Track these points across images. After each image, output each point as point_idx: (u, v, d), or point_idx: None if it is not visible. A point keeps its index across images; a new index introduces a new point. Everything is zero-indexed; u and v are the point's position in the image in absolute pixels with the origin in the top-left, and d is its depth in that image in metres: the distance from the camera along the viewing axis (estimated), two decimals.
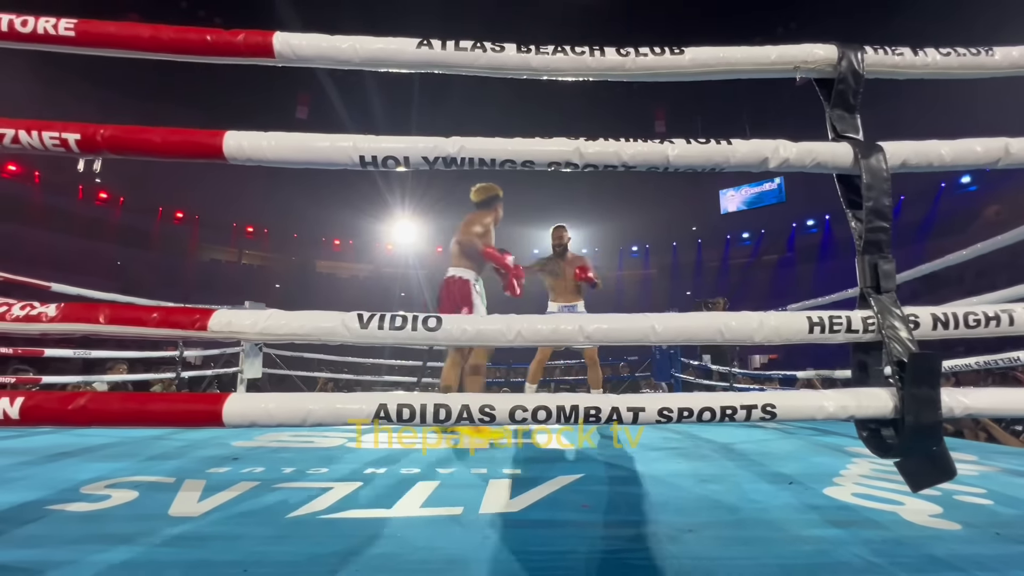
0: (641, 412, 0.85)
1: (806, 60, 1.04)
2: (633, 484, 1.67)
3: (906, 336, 0.90)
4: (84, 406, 0.79)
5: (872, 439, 0.95)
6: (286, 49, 0.98)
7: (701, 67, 1.04)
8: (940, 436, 0.87)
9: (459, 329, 0.88)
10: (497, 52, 1.00)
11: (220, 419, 0.80)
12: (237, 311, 0.87)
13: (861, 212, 0.98)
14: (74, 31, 0.94)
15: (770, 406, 0.86)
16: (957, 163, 1.01)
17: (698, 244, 22.11)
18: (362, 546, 1.08)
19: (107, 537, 1.11)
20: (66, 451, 2.05)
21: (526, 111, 14.76)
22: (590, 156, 0.96)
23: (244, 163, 0.94)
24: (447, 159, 0.95)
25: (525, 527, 1.23)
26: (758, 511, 1.38)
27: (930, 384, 0.86)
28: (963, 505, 1.42)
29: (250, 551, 1.04)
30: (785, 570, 0.98)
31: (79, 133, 0.89)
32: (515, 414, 0.84)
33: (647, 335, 0.90)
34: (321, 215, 20.27)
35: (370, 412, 0.82)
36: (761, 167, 0.99)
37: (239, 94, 14.67)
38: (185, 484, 1.54)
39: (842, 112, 1.05)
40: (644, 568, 0.98)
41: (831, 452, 2.26)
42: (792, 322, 0.92)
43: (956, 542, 1.14)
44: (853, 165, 0.98)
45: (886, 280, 0.95)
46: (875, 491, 1.56)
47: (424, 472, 1.77)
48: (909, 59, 1.06)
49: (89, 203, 17.28)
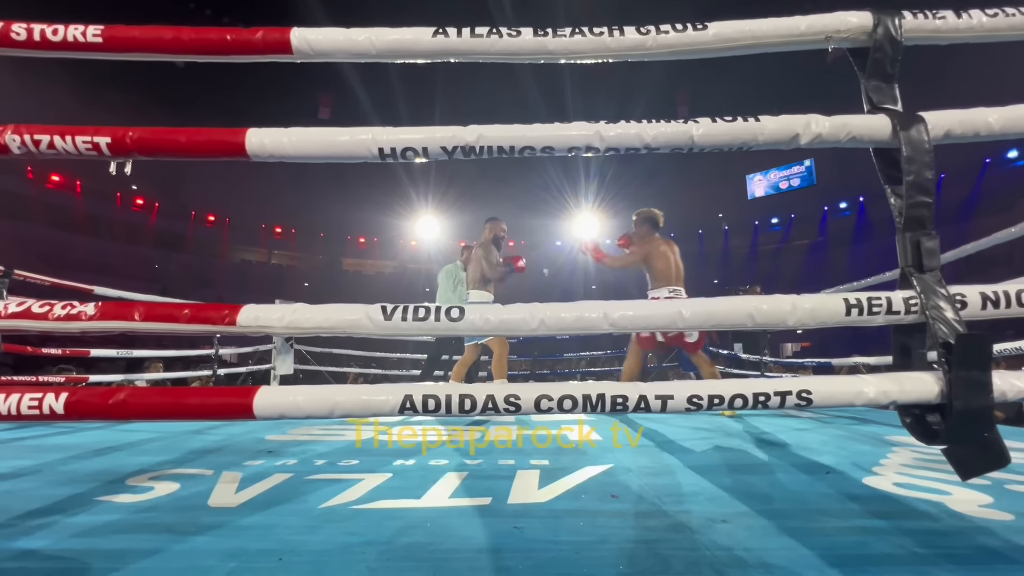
0: (670, 400, 0.83)
1: (839, 29, 0.99)
2: (663, 474, 1.64)
3: (952, 317, 0.85)
4: (124, 400, 0.82)
5: (916, 425, 0.90)
6: (303, 45, 0.99)
7: (726, 42, 1.00)
8: (991, 421, 0.82)
9: (482, 319, 0.88)
10: (513, 37, 0.98)
11: (251, 411, 0.82)
12: (264, 306, 0.89)
13: (901, 188, 0.93)
14: (102, 37, 0.97)
15: (806, 392, 0.83)
16: (1007, 131, 0.95)
17: (725, 231, 21.59)
18: (393, 536, 1.09)
19: (152, 526, 1.16)
20: (112, 446, 2.15)
21: (550, 100, 14.65)
22: (611, 139, 0.93)
23: (266, 160, 0.95)
24: (466, 148, 0.94)
25: (554, 517, 1.23)
26: (794, 501, 1.34)
27: (980, 367, 0.81)
28: (1016, 495, 1.35)
29: (285, 540, 1.07)
30: (825, 561, 0.95)
31: (109, 136, 0.92)
32: (540, 403, 0.83)
33: (675, 321, 0.88)
34: (346, 214, 20.64)
35: (396, 403, 0.83)
36: (792, 144, 0.95)
37: (262, 99, 14.99)
38: (223, 476, 1.60)
39: (879, 82, 1.00)
40: (676, 559, 0.97)
41: (870, 441, 2.18)
42: (828, 304, 0.88)
43: (1009, 533, 1.08)
44: (892, 138, 0.93)
45: (929, 258, 0.90)
46: (918, 480, 1.49)
47: (452, 464, 1.78)
48: (952, 22, 0.99)
49: (127, 209, 18.02)
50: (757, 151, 0.98)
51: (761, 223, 21.01)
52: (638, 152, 0.95)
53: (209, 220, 20.08)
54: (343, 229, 21.91)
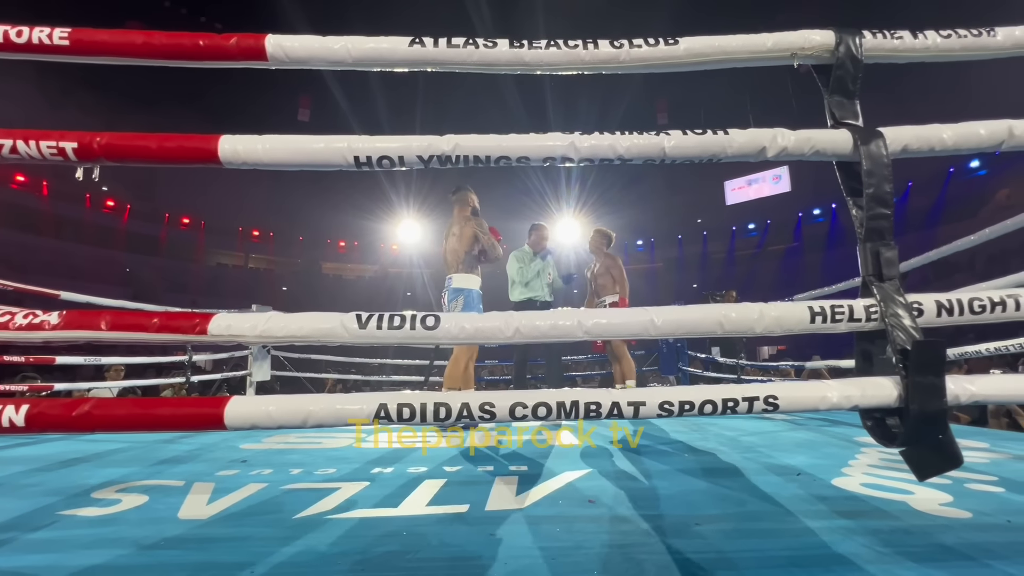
0: (642, 406, 0.85)
1: (803, 47, 1.03)
2: (640, 479, 1.66)
3: (909, 324, 0.89)
4: (88, 412, 0.80)
5: (877, 428, 0.94)
6: (278, 52, 0.98)
7: (696, 57, 1.02)
8: (946, 424, 0.86)
9: (457, 327, 0.88)
10: (490, 48, 1.00)
11: (222, 422, 0.81)
12: (236, 314, 0.87)
13: (862, 199, 0.97)
14: (68, 40, 0.95)
15: (772, 397, 0.86)
16: (960, 147, 0.99)
17: (703, 236, 21.99)
18: (368, 546, 1.09)
19: (117, 541, 1.13)
20: (78, 457, 2.08)
21: (531, 107, 14.74)
22: (585, 150, 0.95)
23: (240, 167, 0.94)
24: (442, 157, 0.94)
25: (532, 523, 1.23)
26: (765, 503, 1.37)
27: (935, 372, 0.85)
28: (974, 493, 1.41)
29: (256, 552, 1.05)
30: (793, 562, 0.97)
31: (76, 142, 0.90)
32: (515, 411, 0.84)
33: (647, 329, 0.90)
34: (326, 217, 20.39)
35: (370, 412, 0.83)
36: (759, 156, 0.98)
37: (241, 99, 14.75)
38: (195, 487, 1.56)
39: (841, 98, 1.04)
40: (650, 563, 0.98)
41: (840, 443, 2.24)
42: (793, 312, 0.91)
43: (966, 530, 1.13)
44: (853, 152, 0.97)
45: (888, 268, 0.94)
46: (884, 481, 1.54)
47: (431, 471, 1.77)
48: (909, 42, 1.04)
49: (97, 211, 17.49)
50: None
51: (738, 228, 21.47)
52: (612, 163, 0.97)
53: (184, 223, 19.61)
54: (323, 232, 21.63)
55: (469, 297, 3.11)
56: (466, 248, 3.13)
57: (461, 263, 3.13)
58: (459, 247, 3.14)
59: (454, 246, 3.17)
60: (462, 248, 3.13)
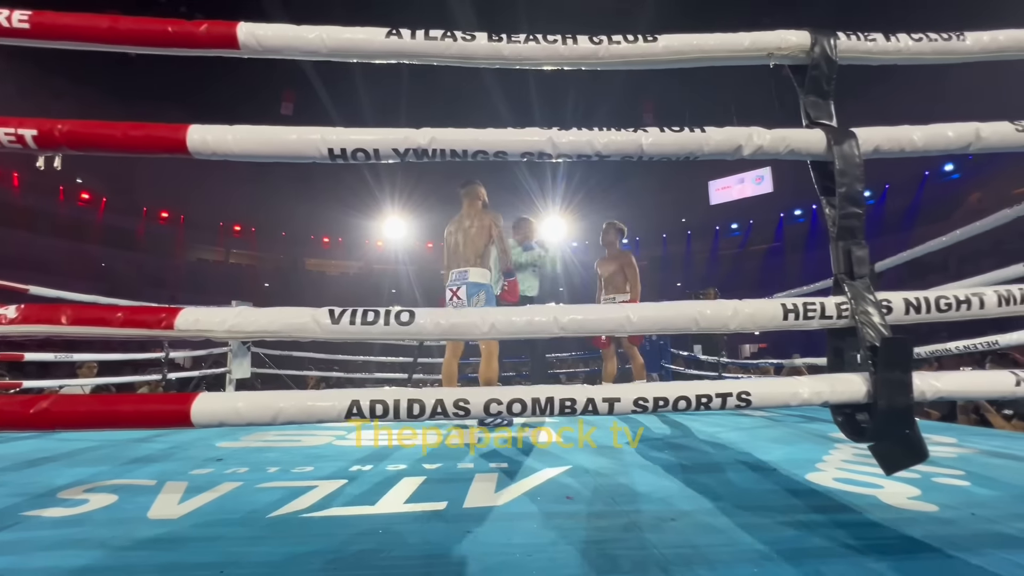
0: (617, 402, 0.85)
1: (779, 47, 1.04)
2: (619, 475, 1.67)
3: (879, 321, 0.90)
4: (48, 409, 0.77)
5: (847, 424, 0.96)
6: (251, 40, 0.96)
7: (674, 55, 1.03)
8: (912, 419, 0.88)
9: (432, 323, 0.87)
10: (468, 41, 0.99)
11: (188, 419, 0.79)
12: (205, 309, 0.85)
13: (835, 199, 0.98)
14: (29, 23, 0.91)
15: (745, 394, 0.87)
16: (929, 148, 1.01)
17: (687, 236, 22.24)
18: (342, 544, 1.07)
19: (82, 542, 1.09)
20: (45, 457, 2.02)
21: (516, 105, 14.70)
22: (563, 146, 0.95)
23: (209, 158, 0.91)
24: (418, 151, 0.93)
25: (508, 520, 1.23)
26: (741, 498, 1.39)
27: (902, 368, 0.87)
28: (941, 487, 1.44)
29: (227, 552, 1.03)
30: (763, 555, 0.99)
31: (36, 129, 0.86)
32: (489, 407, 0.83)
33: (623, 325, 0.90)
34: (310, 213, 20.11)
35: (342, 409, 0.81)
36: (735, 155, 0.99)
37: (222, 93, 14.44)
38: (166, 486, 1.52)
39: (816, 98, 1.05)
40: (625, 558, 0.99)
41: (815, 439, 2.28)
42: (766, 309, 0.92)
43: (932, 523, 1.15)
44: (826, 151, 0.98)
45: (859, 266, 0.96)
46: (856, 475, 1.57)
47: (411, 468, 1.76)
48: (882, 44, 1.06)
49: (71, 204, 16.99)
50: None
51: (722, 228, 21.76)
52: (590, 159, 0.97)
53: (162, 217, 19.16)
54: (306, 228, 21.32)
55: (489, 292, 3.03)
56: (484, 241, 3.07)
57: (479, 257, 3.04)
58: (478, 240, 3.06)
59: (472, 239, 3.07)
60: (481, 241, 3.06)
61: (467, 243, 3.08)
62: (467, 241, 3.08)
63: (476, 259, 3.04)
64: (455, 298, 3.01)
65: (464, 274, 3.02)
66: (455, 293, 3.01)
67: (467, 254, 3.06)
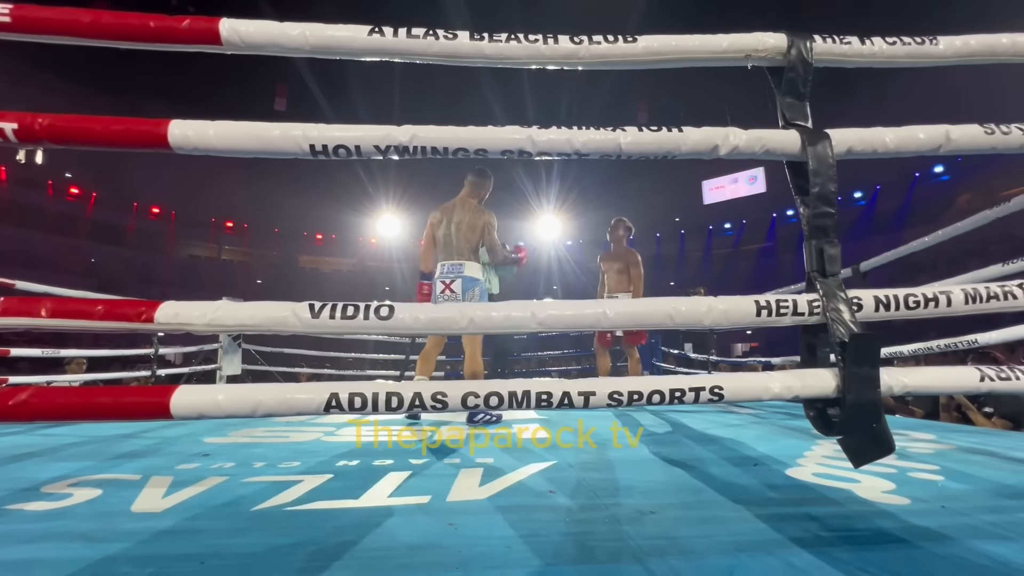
0: (592, 396, 0.87)
1: (757, 48, 1.06)
2: (603, 470, 1.69)
3: (849, 318, 0.93)
4: (27, 401, 0.78)
5: (819, 418, 0.98)
6: (233, 36, 0.96)
7: (654, 55, 1.04)
8: (880, 413, 0.90)
9: (411, 317, 0.88)
10: (450, 40, 1.00)
11: (168, 411, 0.80)
12: (185, 303, 0.86)
13: (809, 198, 1.00)
14: (10, 16, 0.91)
15: (717, 388, 0.89)
16: (901, 149, 1.04)
17: (681, 235, 22.35)
18: (324, 536, 1.08)
19: (64, 535, 1.10)
20: (29, 451, 2.01)
21: (510, 103, 14.71)
22: (543, 144, 0.96)
23: (191, 153, 0.92)
24: (399, 148, 0.94)
25: (490, 513, 1.24)
26: (721, 492, 1.41)
27: (870, 363, 0.89)
28: (915, 481, 1.48)
29: (209, 544, 1.03)
30: (737, 546, 1.01)
31: (16, 122, 0.87)
32: (467, 400, 0.85)
33: (599, 321, 0.92)
34: (303, 209, 20.01)
35: (321, 402, 0.83)
36: (712, 154, 1.01)
37: (215, 86, 14.33)
38: (151, 481, 1.53)
39: (792, 100, 1.07)
40: (601, 549, 1.00)
41: (798, 435, 2.32)
42: (740, 306, 0.94)
43: (903, 515, 1.18)
44: (800, 152, 1.00)
45: (831, 264, 0.98)
46: (834, 471, 1.60)
47: (397, 463, 1.77)
48: (857, 48, 1.08)
49: (60, 199, 16.81)
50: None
51: (715, 228, 21.89)
52: (569, 157, 0.99)
53: (153, 212, 19.01)
54: (300, 225, 21.24)
55: (483, 288, 3.01)
56: (478, 237, 3.02)
57: (473, 252, 3.01)
58: (472, 235, 3.01)
59: (466, 233, 3.00)
60: (475, 236, 3.01)
61: (461, 236, 3.01)
62: (460, 235, 3.01)
63: (471, 253, 2.99)
64: (447, 291, 2.94)
65: (459, 267, 2.96)
66: (448, 286, 2.95)
67: (461, 247, 2.99)
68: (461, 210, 3.08)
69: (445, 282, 2.98)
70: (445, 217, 3.10)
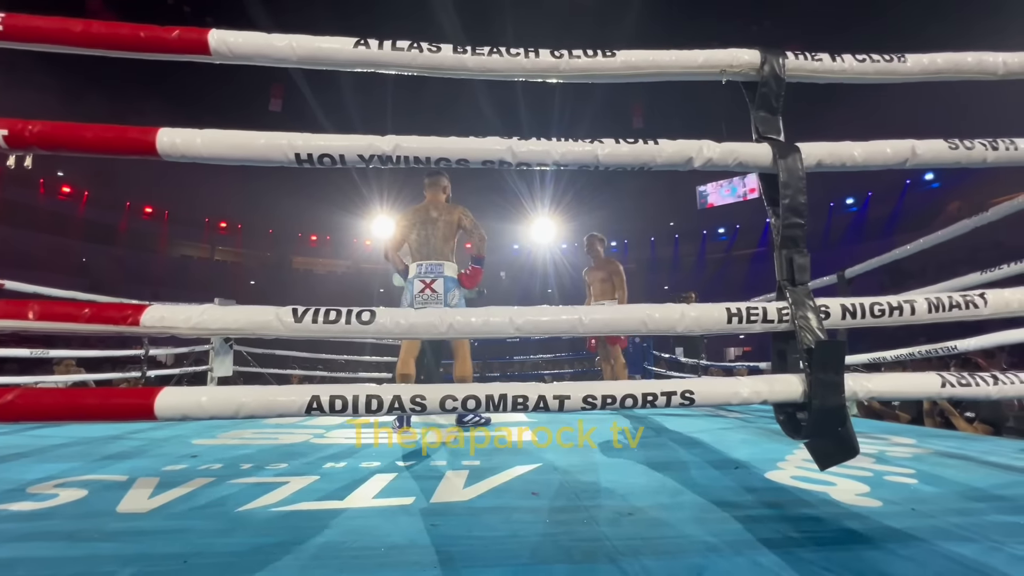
0: (567, 400, 0.90)
1: (731, 64, 1.10)
2: (587, 472, 1.72)
3: (816, 325, 0.96)
4: (12, 401, 0.80)
5: (788, 422, 1.01)
6: (222, 47, 0.99)
7: (632, 69, 1.08)
8: (845, 417, 0.94)
9: (393, 322, 0.91)
10: (433, 53, 1.03)
11: (152, 412, 0.82)
12: (171, 306, 0.88)
13: (779, 209, 1.04)
14: (1, 25, 0.93)
15: (688, 392, 0.92)
16: (869, 163, 1.07)
17: (675, 239, 22.49)
18: (307, 536, 1.10)
19: (48, 534, 1.11)
20: (16, 452, 2.01)
21: (504, 104, 14.75)
22: (522, 155, 0.99)
23: (179, 160, 0.94)
24: (383, 157, 0.97)
25: (472, 514, 1.27)
26: (700, 494, 1.44)
27: (835, 369, 0.92)
28: (890, 484, 1.51)
29: (193, 543, 1.05)
30: (709, 547, 1.04)
31: (7, 129, 0.89)
32: (445, 403, 0.87)
33: (575, 327, 0.95)
34: (297, 210, 19.99)
35: (302, 404, 0.85)
36: (687, 166, 1.04)
37: (210, 86, 14.29)
38: (137, 482, 1.54)
39: (766, 114, 1.11)
40: (577, 549, 1.03)
41: (780, 439, 2.35)
42: (711, 313, 0.97)
43: (874, 517, 1.22)
44: (772, 164, 1.04)
45: (801, 273, 1.01)
46: (813, 473, 1.64)
47: (384, 465, 1.79)
48: (827, 64, 1.12)
49: (52, 198, 16.69)
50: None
51: (709, 232, 22.05)
52: (548, 168, 1.02)
53: (146, 212, 18.91)
54: (294, 226, 21.20)
55: (461, 289, 3.02)
56: (454, 235, 3.04)
57: (452, 251, 3.03)
58: (448, 233, 3.02)
59: (443, 232, 3.01)
60: (451, 234, 3.03)
61: (438, 236, 3.01)
62: (437, 234, 3.02)
63: (449, 253, 3.01)
64: (428, 290, 2.92)
65: (439, 267, 2.97)
66: (428, 285, 2.94)
67: (440, 247, 3.00)
68: (435, 209, 3.08)
69: (425, 281, 2.96)
70: (418, 219, 3.10)
